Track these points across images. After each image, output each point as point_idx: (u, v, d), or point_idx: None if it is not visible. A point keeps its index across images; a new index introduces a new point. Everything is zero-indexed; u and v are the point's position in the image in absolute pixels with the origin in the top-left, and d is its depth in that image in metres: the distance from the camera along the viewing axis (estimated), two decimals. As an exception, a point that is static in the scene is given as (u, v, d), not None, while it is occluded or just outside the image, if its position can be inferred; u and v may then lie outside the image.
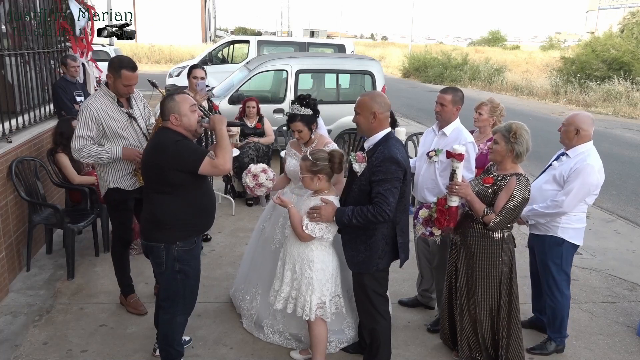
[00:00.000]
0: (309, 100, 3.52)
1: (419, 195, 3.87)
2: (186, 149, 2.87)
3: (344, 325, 3.57)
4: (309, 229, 3.04)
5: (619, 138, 13.25)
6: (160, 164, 2.84)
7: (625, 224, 6.72)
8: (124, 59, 3.64)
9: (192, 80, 5.09)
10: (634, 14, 25.08)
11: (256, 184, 3.54)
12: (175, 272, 2.98)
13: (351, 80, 9.45)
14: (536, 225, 3.56)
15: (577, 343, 3.87)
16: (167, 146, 2.85)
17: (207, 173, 2.90)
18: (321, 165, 3.06)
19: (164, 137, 2.91)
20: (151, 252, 3.01)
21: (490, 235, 3.20)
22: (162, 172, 2.85)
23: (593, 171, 3.37)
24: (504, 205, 3.09)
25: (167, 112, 2.94)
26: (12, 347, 3.48)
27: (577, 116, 3.50)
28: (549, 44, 51.19)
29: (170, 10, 40.91)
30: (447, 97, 3.69)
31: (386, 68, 30.64)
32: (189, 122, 2.94)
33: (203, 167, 2.84)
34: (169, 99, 2.98)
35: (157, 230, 2.94)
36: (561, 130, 3.53)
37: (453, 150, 3.13)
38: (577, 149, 3.45)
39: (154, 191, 2.94)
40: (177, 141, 2.86)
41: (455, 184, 3.14)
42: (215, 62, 14.19)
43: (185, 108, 2.92)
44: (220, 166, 2.89)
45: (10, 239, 4.34)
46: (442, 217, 3.18)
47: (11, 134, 4.51)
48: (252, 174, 3.55)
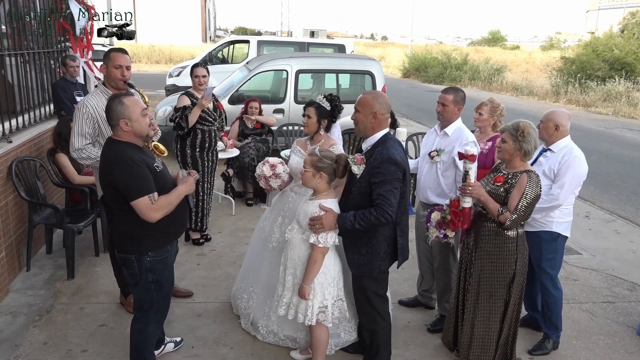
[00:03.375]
0: (334, 99, 3.63)
1: (422, 196, 3.86)
2: (133, 175, 2.65)
3: (340, 328, 3.56)
4: (321, 243, 2.99)
5: (619, 138, 13.25)
6: (112, 181, 2.69)
7: (625, 224, 6.72)
8: (113, 48, 3.66)
9: (195, 80, 5.08)
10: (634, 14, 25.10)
11: (273, 174, 3.54)
12: (149, 283, 2.88)
13: (351, 80, 9.44)
14: (529, 222, 3.57)
15: (577, 343, 3.87)
16: (112, 162, 2.66)
17: (136, 210, 2.66)
18: (327, 164, 3.04)
19: (111, 153, 2.71)
20: (124, 263, 2.89)
21: (505, 233, 3.20)
22: (114, 190, 2.70)
23: (581, 162, 3.50)
24: (517, 203, 3.10)
25: (115, 117, 2.70)
26: (12, 347, 3.48)
27: (555, 113, 3.59)
28: (549, 44, 51.18)
29: (170, 10, 40.90)
30: (449, 97, 3.69)
31: (386, 68, 30.64)
32: (140, 128, 2.74)
33: (137, 203, 2.64)
34: (117, 102, 2.72)
35: (127, 242, 2.82)
36: (539, 127, 3.58)
37: (465, 151, 3.11)
38: (559, 143, 3.55)
39: (115, 207, 2.80)
40: (128, 161, 2.64)
41: (468, 185, 3.12)
42: (215, 62, 14.18)
43: (136, 112, 2.71)
44: (153, 212, 2.66)
45: (10, 239, 4.34)
46: (456, 218, 3.17)
47: (11, 134, 4.51)
48: (270, 164, 3.55)
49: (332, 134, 3.76)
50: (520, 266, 3.25)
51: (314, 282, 3.07)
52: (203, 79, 5.02)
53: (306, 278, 3.04)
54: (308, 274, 3.04)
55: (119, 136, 2.77)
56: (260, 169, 3.60)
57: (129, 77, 3.66)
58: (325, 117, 3.59)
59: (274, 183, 3.57)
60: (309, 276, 3.04)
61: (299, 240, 3.13)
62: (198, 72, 5.04)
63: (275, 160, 3.60)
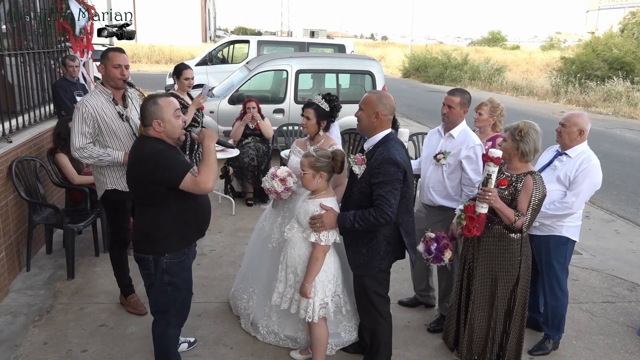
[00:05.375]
0: (332, 99, 3.60)
1: (425, 197, 3.85)
2: (168, 161, 2.67)
3: (341, 328, 3.56)
4: (323, 241, 3.00)
5: (619, 138, 13.25)
6: (143, 177, 2.68)
7: (625, 224, 6.72)
8: (110, 48, 3.66)
9: (185, 82, 5.10)
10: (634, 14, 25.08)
11: (285, 188, 3.49)
12: (165, 285, 2.86)
13: (351, 80, 9.44)
14: (538, 226, 3.56)
15: (577, 343, 3.87)
16: (148, 158, 2.66)
17: (188, 190, 2.68)
18: (324, 162, 3.04)
19: (145, 148, 2.71)
20: (140, 263, 2.88)
21: (509, 236, 3.19)
22: (145, 185, 2.69)
23: (599, 171, 3.46)
24: (528, 205, 3.08)
25: (149, 117, 2.71)
26: (12, 347, 3.48)
27: (580, 117, 3.50)
28: (549, 44, 51.19)
29: (170, 10, 40.90)
30: (455, 99, 3.66)
31: (386, 68, 30.65)
32: (172, 129, 2.74)
33: (184, 183, 2.65)
34: (151, 102, 2.73)
35: (146, 242, 2.81)
36: (560, 130, 3.52)
37: (491, 154, 3.03)
38: (576, 149, 3.48)
39: (142, 203, 2.80)
40: (160, 151, 2.67)
41: (489, 190, 3.05)
42: (215, 62, 14.19)
43: (169, 113, 2.71)
44: (202, 184, 2.67)
45: (10, 239, 4.34)
46: (471, 224, 3.11)
47: (11, 134, 4.51)
48: (280, 179, 3.48)
49: (331, 133, 3.76)
50: (524, 268, 3.24)
51: (315, 280, 3.08)
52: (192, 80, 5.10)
53: (307, 276, 3.05)
54: (309, 273, 3.04)
55: (151, 135, 2.77)
56: (270, 184, 3.50)
57: (128, 76, 3.66)
58: (325, 118, 3.58)
59: (284, 195, 3.54)
60: (310, 275, 3.04)
61: (299, 239, 3.14)
62: (189, 74, 5.09)
63: (283, 172, 3.50)
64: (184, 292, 2.98)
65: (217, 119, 8.11)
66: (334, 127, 3.82)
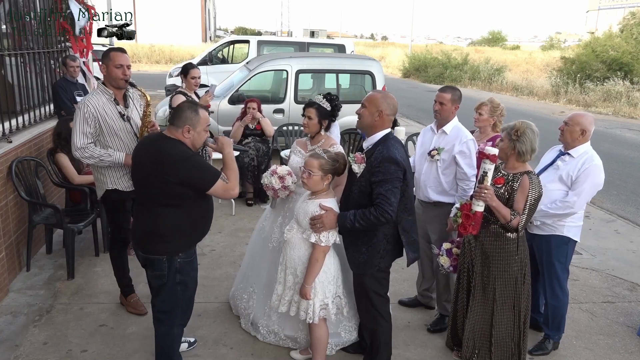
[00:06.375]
0: (333, 98, 3.62)
1: (421, 194, 3.86)
2: (202, 166, 2.78)
3: (341, 328, 3.56)
4: (323, 242, 2.99)
5: (619, 138, 13.25)
6: (168, 177, 2.69)
7: (625, 224, 6.72)
8: (112, 48, 3.68)
9: (192, 81, 5.13)
10: (634, 14, 25.03)
11: (282, 186, 3.51)
12: (176, 284, 2.90)
13: (351, 80, 9.44)
14: (539, 225, 3.56)
15: (577, 343, 3.88)
16: (177, 160, 2.70)
17: (215, 194, 2.80)
18: (335, 165, 3.05)
19: (173, 149, 2.74)
20: (151, 264, 2.88)
21: (506, 235, 3.19)
22: (168, 185, 2.71)
23: (601, 171, 3.45)
24: (524, 204, 3.09)
25: (184, 120, 2.77)
26: (12, 347, 3.48)
27: (584, 117, 3.51)
28: (549, 44, 51.17)
29: (170, 10, 40.89)
30: (447, 95, 3.71)
31: (386, 68, 30.66)
32: (198, 141, 2.84)
33: (215, 188, 2.76)
34: (193, 109, 2.81)
35: (159, 243, 2.82)
36: (563, 129, 3.53)
37: (487, 151, 3.03)
38: (579, 149, 3.48)
39: (157, 204, 2.79)
40: (191, 156, 2.75)
41: (485, 187, 3.05)
42: (215, 62, 14.20)
43: (202, 126, 2.81)
44: (231, 190, 2.84)
45: (10, 239, 4.34)
46: (467, 222, 3.12)
47: (11, 134, 4.51)
48: (279, 176, 3.50)
49: (332, 133, 3.77)
50: (522, 267, 3.24)
51: (315, 281, 3.07)
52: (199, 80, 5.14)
53: (307, 278, 3.04)
54: (309, 274, 3.04)
55: (175, 137, 2.80)
56: (269, 180, 3.52)
57: (129, 76, 3.67)
58: (326, 118, 3.58)
59: (281, 193, 3.55)
60: (310, 276, 3.04)
61: (298, 239, 3.13)
62: (195, 73, 5.11)
63: (283, 170, 3.52)
64: (190, 290, 3.05)
65: (217, 119, 8.11)
66: (335, 126, 3.83)
